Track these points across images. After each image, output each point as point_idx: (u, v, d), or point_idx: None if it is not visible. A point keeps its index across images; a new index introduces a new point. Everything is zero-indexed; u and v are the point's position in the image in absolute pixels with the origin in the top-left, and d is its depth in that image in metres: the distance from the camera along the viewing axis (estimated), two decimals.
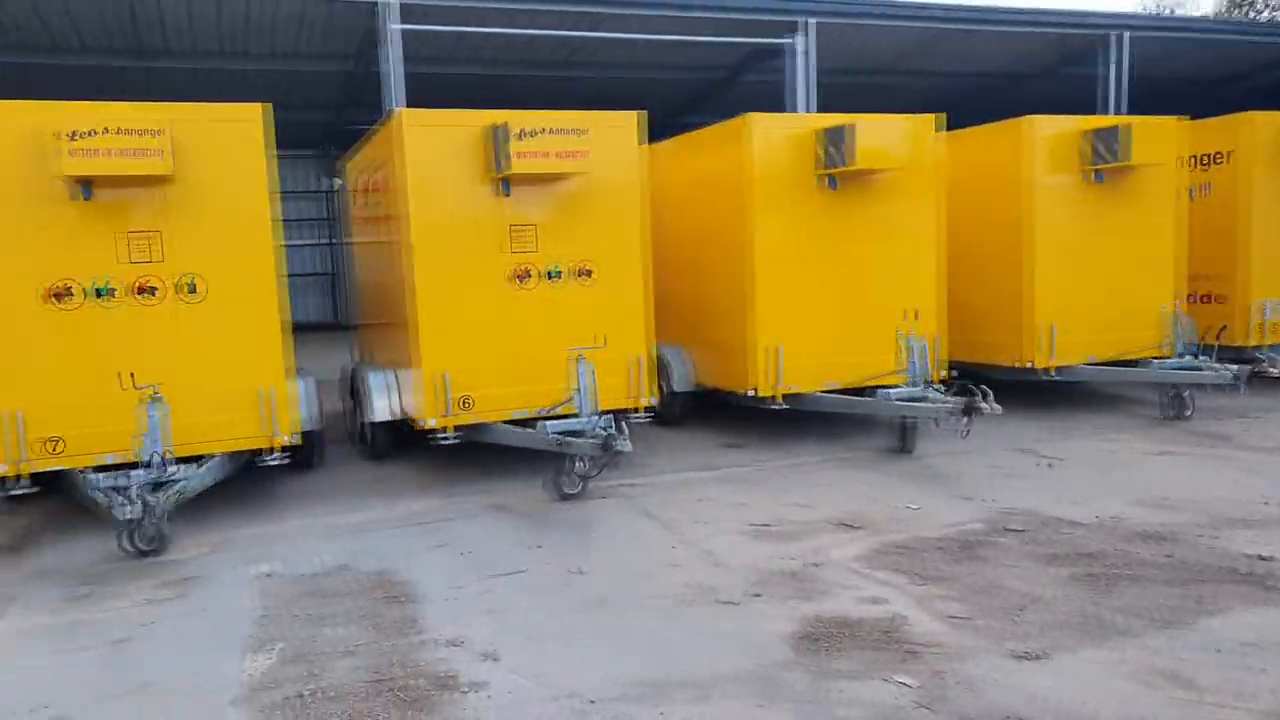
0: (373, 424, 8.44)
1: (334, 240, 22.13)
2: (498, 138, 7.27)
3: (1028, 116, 9.56)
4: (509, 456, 8.04)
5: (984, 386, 7.72)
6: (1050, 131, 9.56)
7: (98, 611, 5.33)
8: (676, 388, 9.52)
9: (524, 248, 7.71)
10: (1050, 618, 4.75)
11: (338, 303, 22.27)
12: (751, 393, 8.64)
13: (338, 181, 21.70)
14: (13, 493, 6.64)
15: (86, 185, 6.56)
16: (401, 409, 8.27)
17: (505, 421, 7.68)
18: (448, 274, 7.52)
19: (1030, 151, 9.50)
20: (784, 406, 8.69)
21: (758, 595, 5.20)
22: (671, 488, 7.55)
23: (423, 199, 7.42)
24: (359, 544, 6.35)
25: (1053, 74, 18.24)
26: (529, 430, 7.47)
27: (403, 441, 8.56)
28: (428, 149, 7.42)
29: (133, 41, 14.55)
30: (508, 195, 7.60)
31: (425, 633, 4.82)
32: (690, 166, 9.63)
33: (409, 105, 8.03)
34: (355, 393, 9.13)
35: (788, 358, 8.55)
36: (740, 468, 8.19)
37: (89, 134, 6.27)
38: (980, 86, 19.17)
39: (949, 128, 9.22)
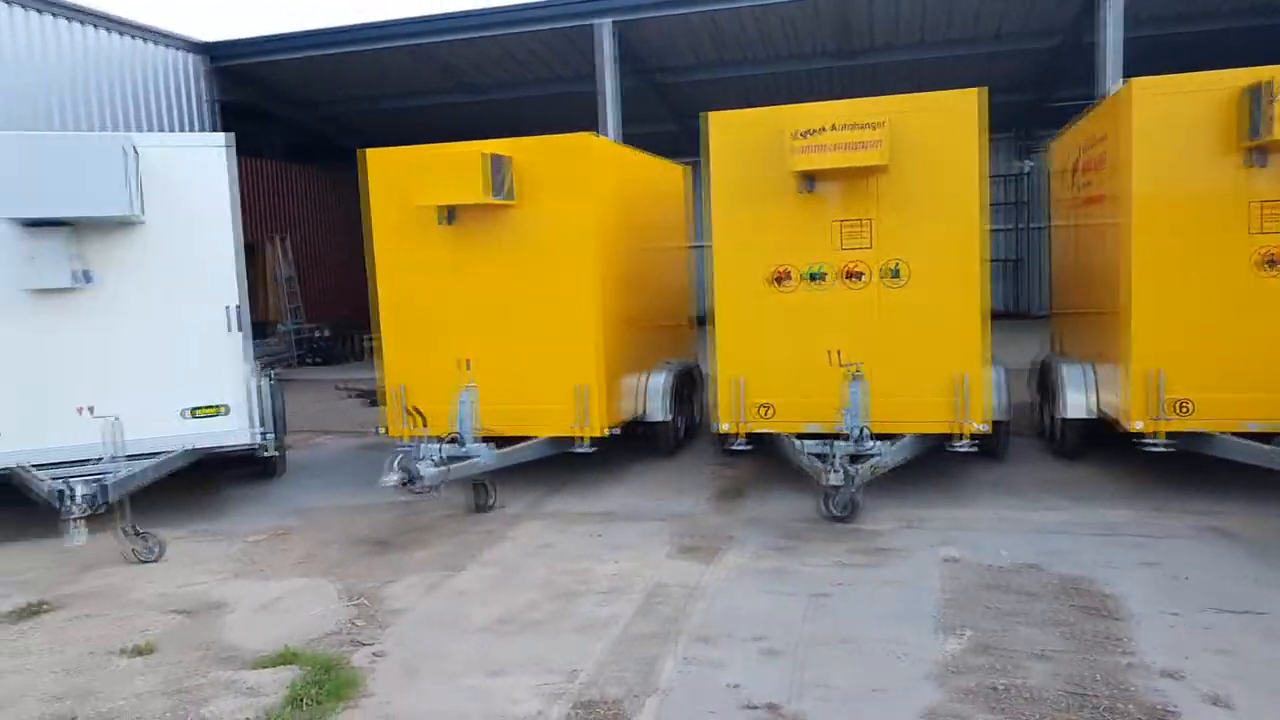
0: (1064, 420, 8.06)
1: (1020, 225, 21.74)
2: (1257, 99, 6.28)
3: None
4: (1226, 471, 7.01)
5: None
6: None
7: (798, 564, 6.04)
8: None
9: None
10: None
11: (1020, 290, 21.87)
12: None
13: (1027, 164, 21.24)
14: (733, 448, 7.90)
15: (810, 179, 7.41)
16: (1099, 407, 7.74)
17: (1236, 433, 6.67)
18: (1172, 258, 6.79)
19: None
20: None
21: None
22: None
23: (1149, 174, 6.79)
24: (1048, 545, 6.12)
25: None
26: (1274, 448, 6.38)
27: (1094, 442, 8.03)
28: (1160, 119, 6.76)
29: (843, 43, 16.07)
30: (1262, 166, 6.54)
31: (1133, 655, 4.44)
32: None
33: (1126, 75, 7.44)
34: (1046, 386, 8.83)
35: None
36: None
37: (817, 131, 7.07)
38: None
39: None
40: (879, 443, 7.14)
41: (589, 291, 7.94)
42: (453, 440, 7.58)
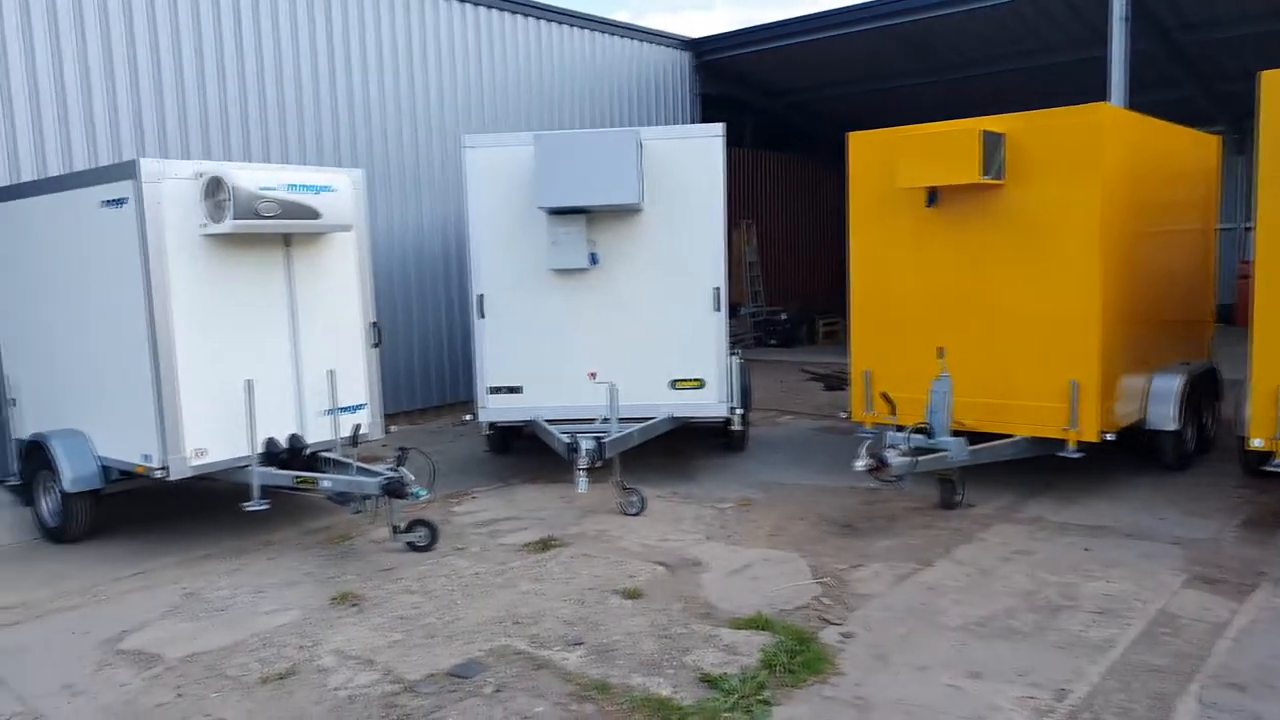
0: None
1: None
2: None
3: None
4: None
5: None
6: None
7: None
8: None
9: None
10: None
11: None
12: None
13: None
14: (1267, 469, 6.73)
15: None
16: None
17: None
18: None
19: None
20: None
21: None
22: None
23: None
24: None
25: None
26: None
27: None
28: None
29: None
30: None
31: None
32: None
33: None
34: None
35: None
36: None
37: None
38: None
39: None
40: None
41: (1090, 278, 7.26)
42: (919, 431, 7.41)
